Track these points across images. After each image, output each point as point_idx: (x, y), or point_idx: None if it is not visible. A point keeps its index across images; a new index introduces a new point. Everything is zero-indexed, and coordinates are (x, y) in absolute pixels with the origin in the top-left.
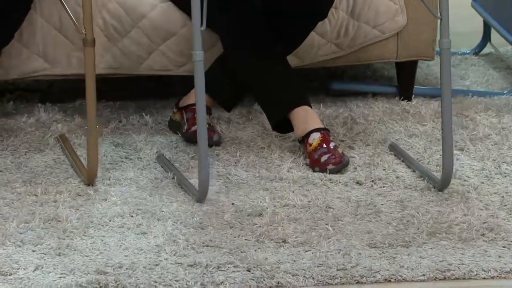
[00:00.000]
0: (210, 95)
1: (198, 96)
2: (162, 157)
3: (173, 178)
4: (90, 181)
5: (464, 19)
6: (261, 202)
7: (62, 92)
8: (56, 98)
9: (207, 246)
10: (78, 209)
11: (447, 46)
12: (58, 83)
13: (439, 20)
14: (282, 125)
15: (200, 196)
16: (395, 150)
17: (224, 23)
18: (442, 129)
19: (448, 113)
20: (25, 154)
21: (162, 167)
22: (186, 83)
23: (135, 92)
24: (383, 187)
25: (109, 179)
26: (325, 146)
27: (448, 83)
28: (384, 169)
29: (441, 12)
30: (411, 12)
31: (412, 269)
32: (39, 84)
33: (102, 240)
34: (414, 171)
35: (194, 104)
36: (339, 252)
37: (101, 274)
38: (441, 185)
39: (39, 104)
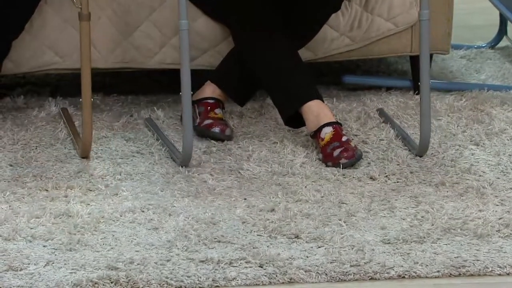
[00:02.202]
0: (223, 89)
1: (183, 64)
2: (150, 120)
3: (155, 137)
4: (84, 154)
5: (479, 11)
6: (273, 198)
7: (72, 86)
8: (67, 92)
9: (219, 241)
10: (89, 204)
11: (426, 17)
12: (68, 77)
13: None
14: (295, 120)
15: (184, 160)
16: (383, 115)
17: (237, 20)
18: (420, 97)
19: (426, 81)
20: (36, 148)
21: (149, 130)
22: (198, 78)
23: (147, 87)
24: (397, 182)
25: (120, 174)
26: (337, 140)
27: (426, 51)
28: (398, 164)
29: None
30: None
31: (427, 265)
32: (49, 78)
33: (113, 236)
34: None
35: (206, 98)
36: (352, 248)
37: (112, 269)
38: (420, 151)
39: (50, 98)
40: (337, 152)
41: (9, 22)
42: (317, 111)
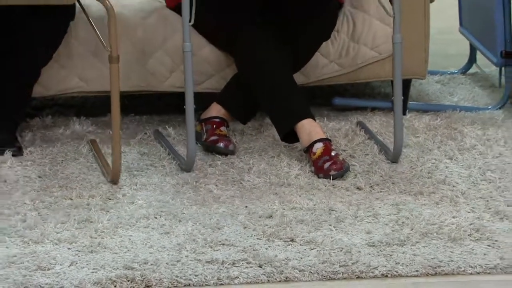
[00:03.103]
0: (227, 110)
1: (187, 80)
2: (158, 132)
3: (167, 151)
4: (114, 179)
5: (452, 42)
6: (271, 205)
7: (94, 107)
8: (89, 112)
9: (223, 244)
10: (108, 211)
11: (399, 40)
12: (91, 99)
13: (392, 17)
14: (290, 136)
15: (187, 166)
16: (363, 127)
17: (239, 49)
18: (393, 110)
19: (398, 95)
20: (62, 162)
21: (159, 143)
22: (205, 99)
23: (160, 108)
24: (381, 191)
25: (136, 185)
26: (327, 154)
27: (399, 70)
28: (381, 176)
29: (394, 11)
30: (405, 36)
31: (407, 265)
32: (74, 100)
33: (130, 239)
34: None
35: (212, 117)
36: (341, 250)
37: (128, 269)
38: (393, 157)
39: (74, 118)
40: (327, 165)
41: (39, 52)
42: (309, 129)
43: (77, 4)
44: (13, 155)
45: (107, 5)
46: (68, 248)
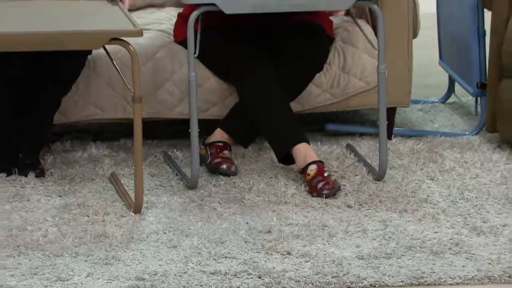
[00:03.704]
0: (230, 135)
1: (191, 107)
2: (166, 154)
3: (175, 173)
4: (137, 210)
5: (433, 74)
6: (269, 221)
7: (109, 132)
8: (105, 137)
9: (226, 257)
10: (121, 227)
11: (383, 70)
12: (106, 125)
13: (377, 50)
14: (286, 159)
15: (192, 184)
16: (352, 149)
17: (240, 80)
18: (379, 134)
19: (383, 119)
20: (80, 182)
21: (167, 164)
22: (210, 125)
23: (169, 133)
24: (369, 209)
25: (147, 203)
26: (320, 175)
27: (383, 97)
28: (369, 195)
29: (379, 45)
30: (390, 68)
31: (393, 276)
32: (91, 126)
33: (141, 252)
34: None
35: (216, 142)
36: (333, 263)
37: (140, 280)
38: (378, 176)
39: (91, 142)
40: (321, 185)
41: (60, 84)
42: (304, 152)
43: None
44: (36, 177)
45: (131, 50)
46: (85, 261)
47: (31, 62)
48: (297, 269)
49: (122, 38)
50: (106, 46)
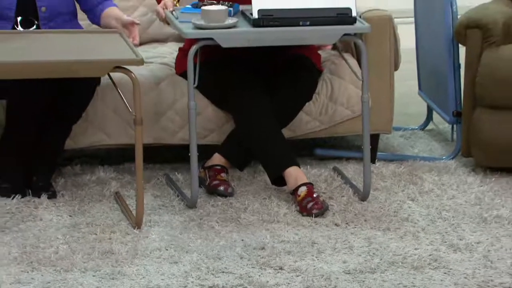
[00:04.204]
0: (227, 159)
1: (191, 133)
2: (169, 178)
3: (176, 194)
4: (138, 225)
5: (412, 103)
6: (263, 239)
7: (116, 157)
8: (112, 161)
9: (223, 272)
10: (127, 244)
11: (366, 100)
12: (113, 150)
13: (361, 81)
14: (279, 181)
15: (192, 204)
16: (338, 172)
17: (235, 108)
18: (363, 158)
19: (367, 145)
20: (88, 203)
21: (169, 186)
22: (209, 150)
23: (170, 157)
24: (355, 227)
25: (150, 222)
26: (310, 196)
27: (367, 124)
28: (355, 214)
29: (362, 76)
30: (373, 98)
31: None
32: (99, 151)
33: (145, 268)
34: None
35: (215, 165)
36: (322, 277)
37: None
38: (363, 196)
39: (99, 166)
40: (310, 205)
41: (71, 113)
42: (295, 175)
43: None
44: (48, 198)
45: (133, 77)
46: (93, 276)
47: (48, 93)
48: (289, 283)
49: (125, 66)
50: (112, 74)
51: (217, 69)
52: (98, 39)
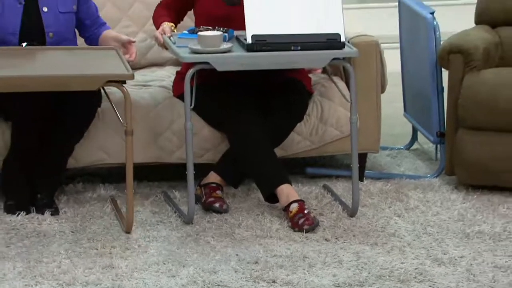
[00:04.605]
0: (222, 177)
1: (188, 153)
2: (166, 195)
3: (173, 210)
4: (128, 230)
5: (398, 124)
6: (257, 253)
7: (116, 175)
8: (112, 179)
9: (219, 285)
10: (126, 259)
11: (355, 121)
12: (114, 169)
13: (349, 103)
14: (271, 198)
15: (188, 220)
16: (328, 190)
17: (230, 129)
18: (352, 177)
19: (355, 164)
20: (90, 220)
21: (167, 203)
22: (205, 169)
23: (168, 176)
24: (344, 242)
25: (149, 237)
26: (301, 212)
27: (355, 144)
28: (344, 230)
29: (351, 98)
30: (361, 119)
31: None
32: (100, 170)
33: (143, 281)
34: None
35: (211, 183)
36: None
37: None
38: (352, 213)
39: (100, 184)
40: (301, 221)
41: (73, 133)
42: (287, 192)
43: (102, 93)
44: (51, 215)
45: (124, 91)
46: None
47: (51, 114)
48: None
49: (117, 80)
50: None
51: (213, 91)
52: (95, 55)
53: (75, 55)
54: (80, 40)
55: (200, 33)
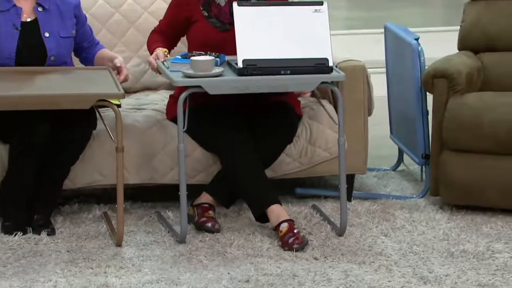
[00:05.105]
0: (214, 197)
1: (180, 174)
2: (160, 215)
3: (167, 230)
4: (118, 243)
5: (385, 146)
6: (248, 272)
7: (111, 196)
8: (107, 200)
9: None
10: (121, 278)
11: (342, 142)
12: (108, 190)
13: (337, 125)
14: (262, 218)
15: (181, 239)
16: (317, 210)
17: (221, 151)
18: (340, 197)
19: (343, 185)
20: (85, 239)
21: (160, 223)
22: (197, 189)
23: (162, 196)
24: (333, 261)
25: (142, 256)
26: (291, 232)
27: (343, 165)
28: (333, 249)
29: (339, 120)
30: (349, 141)
31: None
32: (95, 191)
33: None
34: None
35: (203, 203)
36: None
37: None
38: (340, 232)
39: (95, 205)
40: (291, 240)
41: (69, 155)
42: (277, 212)
43: (97, 115)
44: (48, 235)
45: (115, 110)
46: None
47: (47, 137)
48: None
49: (108, 99)
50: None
51: (205, 114)
52: (88, 75)
53: (68, 75)
54: (75, 59)
55: (192, 58)
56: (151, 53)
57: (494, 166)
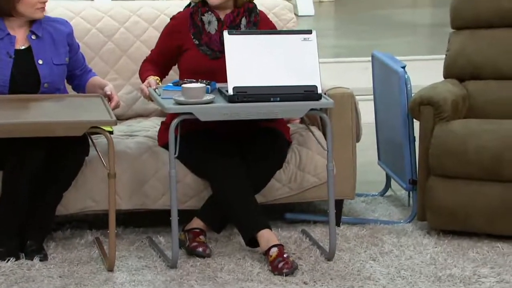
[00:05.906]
0: (205, 222)
1: (172, 199)
2: (151, 241)
3: (158, 255)
4: (110, 268)
5: (373, 172)
6: None
7: (103, 222)
8: (99, 226)
9: None
10: None
11: (331, 168)
12: (100, 216)
13: (326, 151)
14: (252, 243)
15: (172, 264)
16: (307, 235)
17: (212, 177)
18: (329, 222)
19: (332, 210)
20: (77, 265)
21: (153, 249)
22: (188, 215)
23: (153, 222)
24: (322, 285)
25: (134, 281)
26: (280, 256)
27: (332, 190)
28: (322, 273)
29: (328, 147)
30: (338, 167)
31: None
32: (87, 217)
33: None
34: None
35: (194, 228)
36: None
37: None
38: (329, 256)
39: (88, 231)
40: (281, 265)
41: (62, 181)
42: (267, 237)
43: (90, 142)
44: (40, 260)
45: (108, 136)
46: None
47: (40, 164)
48: None
49: (100, 126)
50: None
51: (196, 140)
52: (81, 102)
53: (62, 103)
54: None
55: (184, 85)
56: (143, 82)
57: (479, 192)
